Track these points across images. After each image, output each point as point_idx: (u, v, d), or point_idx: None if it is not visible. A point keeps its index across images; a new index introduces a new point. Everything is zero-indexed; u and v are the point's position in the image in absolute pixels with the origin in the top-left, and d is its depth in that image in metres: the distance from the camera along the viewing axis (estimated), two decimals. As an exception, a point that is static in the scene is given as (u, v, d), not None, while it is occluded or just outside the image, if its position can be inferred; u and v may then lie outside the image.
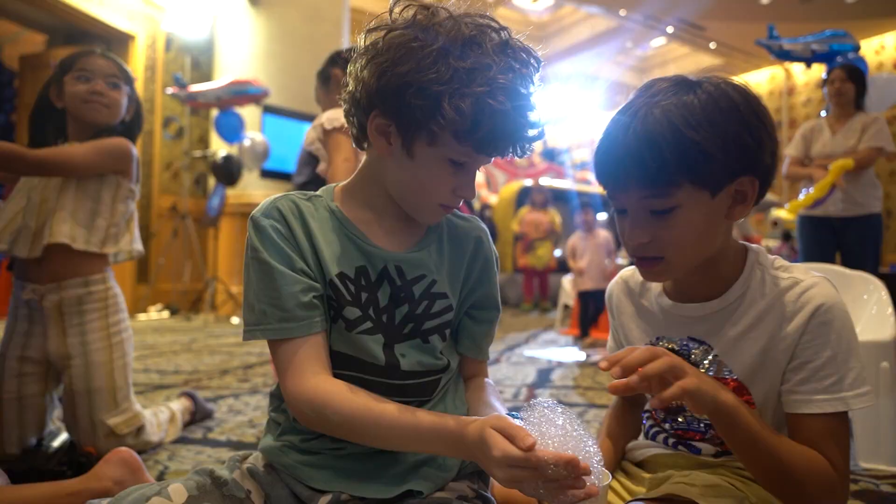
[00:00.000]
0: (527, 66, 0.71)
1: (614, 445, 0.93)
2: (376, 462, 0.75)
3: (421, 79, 0.67)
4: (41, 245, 1.42)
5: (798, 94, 9.09)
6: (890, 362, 1.47)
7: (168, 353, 3.40)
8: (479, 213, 7.08)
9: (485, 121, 0.67)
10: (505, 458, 0.59)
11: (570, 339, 4.23)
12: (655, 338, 0.85)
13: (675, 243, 0.73)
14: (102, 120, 1.52)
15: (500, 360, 3.28)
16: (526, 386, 2.53)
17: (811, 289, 0.73)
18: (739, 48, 8.64)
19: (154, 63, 6.06)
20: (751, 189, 0.73)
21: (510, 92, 0.67)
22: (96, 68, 1.51)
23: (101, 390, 1.47)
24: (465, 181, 0.74)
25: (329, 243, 0.76)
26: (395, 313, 0.77)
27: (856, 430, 1.50)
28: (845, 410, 0.71)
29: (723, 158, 0.69)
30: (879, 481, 1.37)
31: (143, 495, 0.71)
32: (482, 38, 0.69)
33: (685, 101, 0.70)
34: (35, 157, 1.39)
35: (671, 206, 0.71)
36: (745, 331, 0.76)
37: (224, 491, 0.75)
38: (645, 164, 0.69)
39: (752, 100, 0.72)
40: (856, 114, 2.92)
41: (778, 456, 0.68)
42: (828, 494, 0.69)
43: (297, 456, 0.77)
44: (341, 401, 0.70)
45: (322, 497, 0.74)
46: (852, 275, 1.68)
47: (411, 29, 0.69)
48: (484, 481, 0.83)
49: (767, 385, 0.75)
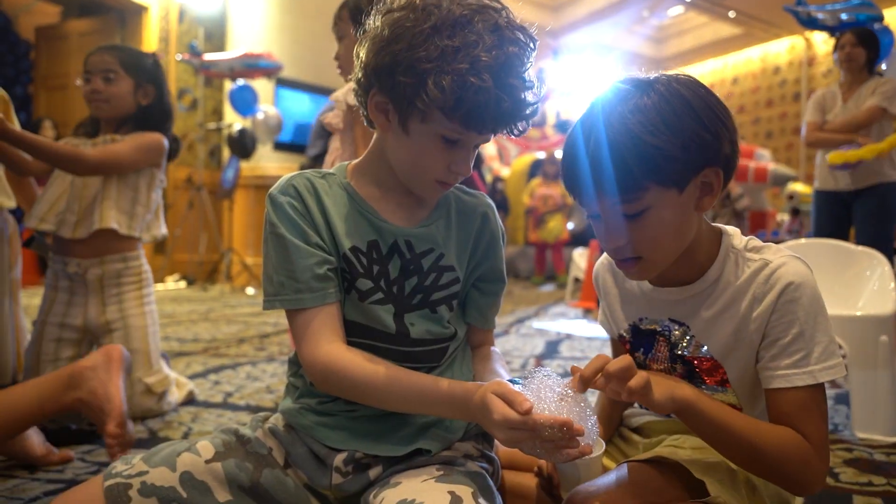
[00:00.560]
0: (517, 44, 0.72)
1: (608, 417, 0.98)
2: (388, 423, 0.81)
3: (411, 57, 0.70)
4: (89, 229, 1.58)
5: (819, 65, 8.87)
6: (889, 336, 1.50)
7: (186, 322, 3.50)
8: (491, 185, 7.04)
9: (468, 97, 0.69)
10: (505, 421, 0.64)
11: (580, 312, 4.28)
12: (638, 318, 0.88)
13: (651, 243, 0.75)
14: (107, 115, 1.62)
15: (508, 331, 3.34)
16: (534, 357, 2.59)
17: (779, 268, 0.75)
18: (759, 17, 8.43)
19: (167, 35, 6.07)
20: (716, 179, 0.75)
21: (494, 69, 0.69)
22: (94, 66, 1.59)
23: (139, 352, 1.60)
24: (459, 157, 0.77)
25: (342, 219, 0.81)
26: (405, 285, 0.82)
27: (853, 401, 1.54)
28: (815, 383, 0.73)
29: (684, 156, 0.71)
30: (874, 450, 1.41)
31: (174, 451, 0.78)
32: (474, 17, 0.71)
33: (639, 105, 0.71)
34: (92, 159, 1.51)
35: (642, 209, 0.73)
36: (719, 312, 0.79)
37: (248, 448, 0.82)
38: (610, 173, 0.71)
39: (703, 94, 0.74)
40: (868, 79, 2.80)
41: (749, 441, 0.71)
42: (804, 469, 0.72)
43: (314, 417, 0.82)
44: (354, 367, 0.75)
45: (338, 455, 0.80)
46: (856, 250, 1.70)
47: (406, 10, 0.72)
48: (489, 442, 0.88)
49: (742, 363, 0.79)
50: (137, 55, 1.69)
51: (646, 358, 0.88)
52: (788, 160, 8.62)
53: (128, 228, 1.64)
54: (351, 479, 0.79)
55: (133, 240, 1.68)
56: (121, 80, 1.61)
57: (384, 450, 0.80)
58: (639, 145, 0.70)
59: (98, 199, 1.60)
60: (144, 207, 1.69)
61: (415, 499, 0.69)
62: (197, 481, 0.76)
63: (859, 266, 1.67)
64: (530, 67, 0.74)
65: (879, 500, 1.13)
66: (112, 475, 0.75)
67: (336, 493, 0.81)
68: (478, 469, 0.79)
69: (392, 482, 0.76)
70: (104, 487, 0.73)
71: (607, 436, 0.99)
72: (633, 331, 0.89)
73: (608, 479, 0.76)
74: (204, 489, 0.76)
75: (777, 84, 9.37)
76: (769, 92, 9.48)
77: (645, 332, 0.87)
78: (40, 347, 1.60)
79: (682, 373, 0.83)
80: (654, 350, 0.86)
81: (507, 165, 8.18)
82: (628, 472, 0.77)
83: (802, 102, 8.99)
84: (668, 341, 0.84)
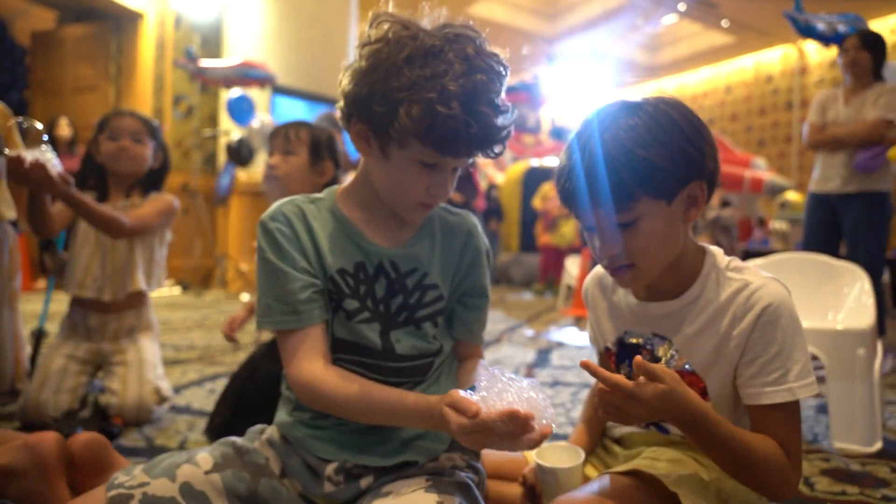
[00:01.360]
0: (487, 72, 0.76)
1: (590, 429, 1.02)
2: (375, 435, 0.85)
3: (385, 87, 0.74)
4: (125, 292, 1.75)
5: (810, 74, 8.97)
6: (867, 349, 1.55)
7: (182, 329, 3.52)
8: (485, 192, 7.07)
9: (438, 125, 0.73)
10: (460, 428, 0.68)
11: (572, 320, 4.32)
12: (623, 332, 0.93)
13: (643, 250, 0.81)
14: (130, 171, 1.76)
15: (501, 339, 3.37)
16: (525, 365, 2.63)
17: (759, 290, 0.80)
18: (752, 26, 8.53)
19: (163, 41, 6.10)
20: (700, 192, 0.81)
21: (462, 97, 0.73)
22: (123, 127, 1.72)
23: (149, 362, 1.77)
24: (438, 181, 0.81)
25: (330, 242, 0.85)
26: (391, 303, 0.86)
27: (831, 413, 1.59)
28: (794, 400, 0.78)
29: (672, 169, 0.77)
30: (850, 460, 1.45)
31: (173, 462, 0.81)
32: (445, 47, 0.75)
33: (630, 124, 0.77)
34: (128, 225, 1.64)
35: (634, 218, 0.79)
36: (701, 329, 0.84)
37: (245, 458, 0.85)
38: (605, 185, 0.77)
39: (687, 114, 0.80)
40: (873, 84, 2.70)
41: (743, 451, 0.75)
42: (784, 478, 0.76)
43: (306, 430, 0.87)
44: (330, 386, 0.79)
45: (329, 465, 0.84)
46: (837, 265, 1.75)
47: (382, 42, 0.76)
48: (475, 453, 0.92)
49: (721, 378, 0.83)
50: (155, 124, 1.84)
51: (630, 371, 0.91)
52: (781, 168, 8.69)
53: (148, 286, 1.82)
54: (342, 488, 0.83)
55: (145, 294, 1.85)
56: (145, 143, 1.76)
57: (373, 460, 0.84)
58: (631, 158, 0.76)
59: (128, 263, 1.76)
60: (158, 265, 1.87)
61: None
62: (196, 491, 0.79)
63: (840, 281, 1.72)
64: (501, 93, 0.78)
65: (852, 510, 1.17)
66: (115, 486, 0.78)
67: (329, 503, 0.84)
68: (464, 480, 0.83)
69: (383, 492, 0.79)
70: (107, 498, 0.76)
71: (592, 447, 1.02)
72: (618, 344, 0.94)
73: (589, 490, 0.80)
74: (203, 499, 0.79)
75: (769, 93, 9.46)
76: (762, 100, 9.57)
77: (629, 345, 0.91)
78: (51, 362, 1.69)
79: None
80: None
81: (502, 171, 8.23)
82: (608, 484, 0.81)
83: (795, 111, 9.08)
84: (651, 355, 0.88)
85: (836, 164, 2.73)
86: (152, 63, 5.97)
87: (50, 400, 1.62)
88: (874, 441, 1.54)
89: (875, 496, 1.24)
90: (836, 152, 2.73)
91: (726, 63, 9.98)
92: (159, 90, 6.10)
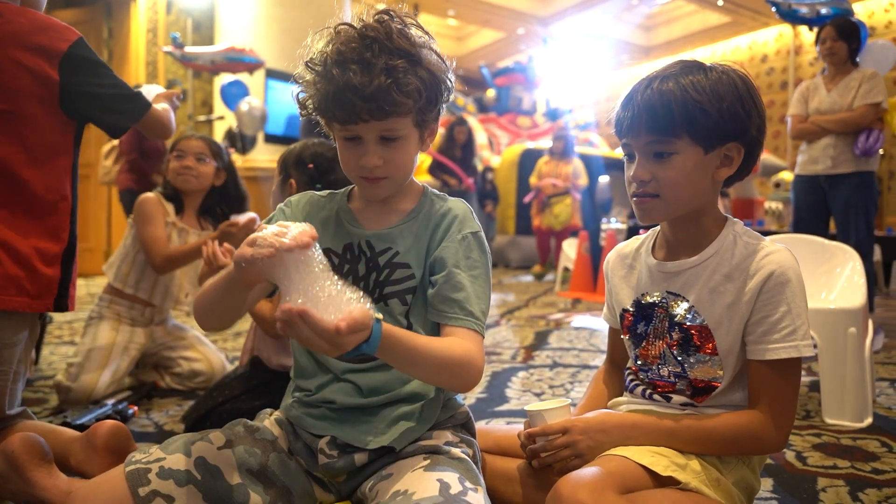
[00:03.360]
0: (362, 38, 0.81)
1: (596, 401, 1.08)
2: (362, 414, 0.89)
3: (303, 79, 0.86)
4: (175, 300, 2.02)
5: (805, 54, 8.95)
6: (858, 328, 1.58)
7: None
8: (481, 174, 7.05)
9: (322, 97, 0.82)
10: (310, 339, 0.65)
11: (570, 302, 4.37)
12: (640, 294, 0.99)
13: (670, 183, 0.88)
14: (193, 187, 1.93)
15: (500, 322, 3.42)
16: (524, 348, 2.67)
17: (772, 254, 0.88)
18: (747, 5, 8.48)
19: (155, 25, 6.04)
20: (737, 155, 0.89)
21: (331, 65, 0.81)
22: (188, 148, 1.90)
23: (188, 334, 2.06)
24: (362, 152, 0.86)
25: (323, 224, 0.93)
26: (369, 281, 0.91)
27: (823, 389, 1.63)
28: (798, 357, 0.86)
29: (717, 120, 0.85)
30: (841, 435, 1.50)
31: (188, 440, 0.85)
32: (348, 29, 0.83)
33: (696, 77, 0.87)
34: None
35: (671, 151, 0.87)
36: (717, 286, 0.90)
37: (256, 436, 0.90)
38: (655, 115, 0.86)
39: (749, 84, 0.89)
40: (852, 70, 2.83)
41: (707, 437, 0.88)
42: (755, 442, 0.87)
43: (302, 409, 0.92)
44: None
45: (321, 440, 0.88)
46: (829, 245, 1.79)
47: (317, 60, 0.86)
48: (467, 430, 0.95)
49: (731, 335, 0.90)
50: (220, 146, 2.00)
51: (646, 329, 0.97)
52: (776, 148, 8.71)
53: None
54: (336, 461, 0.87)
55: None
56: (208, 163, 1.92)
57: (358, 439, 0.86)
58: (686, 98, 0.85)
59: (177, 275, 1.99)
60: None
61: (407, 489, 0.76)
62: (210, 465, 0.83)
63: (832, 261, 1.75)
64: (380, 55, 0.80)
65: (842, 482, 1.21)
66: (132, 462, 0.81)
67: (326, 474, 0.88)
68: (460, 455, 0.86)
69: (384, 474, 0.83)
70: (125, 472, 0.80)
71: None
72: (635, 305, 1.00)
73: (593, 470, 0.83)
74: (216, 472, 0.83)
75: (765, 72, 9.44)
76: (757, 80, 9.35)
77: (646, 305, 0.97)
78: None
79: (679, 340, 0.93)
80: (654, 321, 0.96)
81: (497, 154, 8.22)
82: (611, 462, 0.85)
83: (790, 91, 9.07)
84: (666, 312, 0.94)
85: (823, 147, 2.81)
86: (144, 48, 5.92)
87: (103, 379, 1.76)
88: (864, 417, 1.59)
89: (865, 469, 1.28)
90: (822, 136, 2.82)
91: (722, 43, 9.94)
92: (152, 75, 6.05)
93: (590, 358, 2.45)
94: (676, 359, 0.93)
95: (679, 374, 0.93)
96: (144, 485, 0.79)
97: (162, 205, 1.88)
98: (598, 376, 1.12)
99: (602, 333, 3.00)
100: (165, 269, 1.83)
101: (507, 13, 9.40)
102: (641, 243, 1.03)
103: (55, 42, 1.20)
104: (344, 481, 0.88)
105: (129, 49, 5.97)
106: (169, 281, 1.92)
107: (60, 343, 2.68)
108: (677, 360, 0.93)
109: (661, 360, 0.95)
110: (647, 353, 0.97)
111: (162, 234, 1.83)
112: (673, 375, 0.94)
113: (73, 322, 3.25)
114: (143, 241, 1.82)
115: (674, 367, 0.94)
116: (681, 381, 0.94)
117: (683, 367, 0.93)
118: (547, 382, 2.06)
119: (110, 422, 1.18)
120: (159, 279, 1.90)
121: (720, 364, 0.90)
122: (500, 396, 1.87)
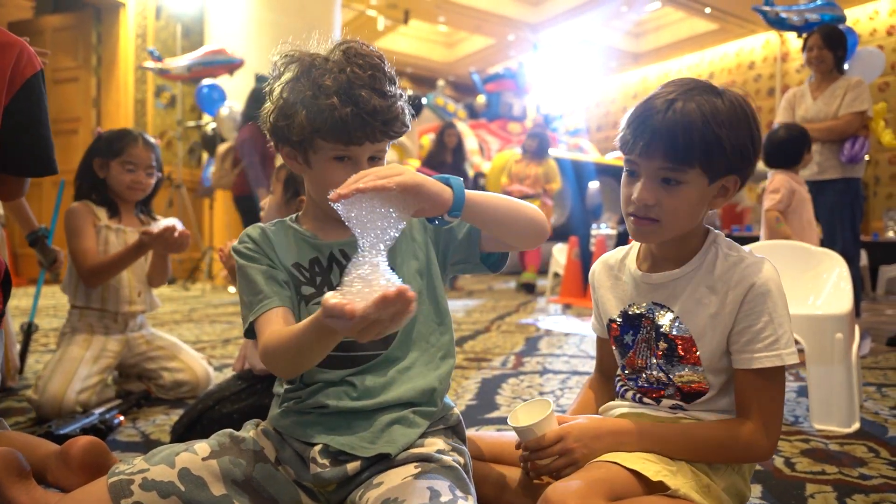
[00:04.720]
0: (363, 66, 0.85)
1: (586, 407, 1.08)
2: (355, 419, 0.89)
3: (283, 106, 0.87)
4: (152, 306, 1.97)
5: (792, 61, 9.07)
6: (845, 333, 1.60)
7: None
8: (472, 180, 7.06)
9: (326, 117, 0.83)
10: (348, 330, 0.67)
11: (560, 308, 4.38)
12: (627, 304, 1.00)
13: (674, 211, 0.88)
14: (138, 199, 1.93)
15: (490, 328, 3.41)
16: (514, 354, 2.66)
17: (753, 265, 0.89)
18: (734, 13, 8.59)
19: (144, 31, 6.02)
20: (733, 186, 0.91)
21: (337, 88, 0.83)
22: (139, 161, 1.85)
23: (173, 345, 1.99)
24: (354, 172, 0.84)
25: (285, 246, 0.95)
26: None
27: (811, 395, 1.64)
28: (781, 365, 0.86)
29: (730, 156, 0.86)
30: (829, 441, 1.51)
31: (172, 451, 0.84)
32: (323, 59, 0.86)
33: (715, 102, 0.85)
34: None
35: (680, 180, 0.87)
36: (701, 297, 0.91)
37: (242, 446, 0.89)
38: (676, 143, 0.84)
39: (753, 115, 0.89)
40: (838, 78, 2.88)
41: (698, 444, 0.89)
42: (745, 450, 0.88)
43: (293, 417, 0.92)
44: (269, 337, 0.84)
45: (313, 448, 0.88)
46: (815, 251, 1.80)
47: (273, 78, 0.90)
48: (458, 436, 0.96)
49: (714, 345, 0.91)
50: (159, 152, 1.95)
51: (633, 339, 0.99)
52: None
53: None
54: (328, 470, 0.86)
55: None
56: (154, 175, 1.91)
57: (351, 445, 0.86)
58: (707, 129, 0.84)
59: (143, 269, 1.93)
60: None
61: (397, 497, 0.76)
62: (194, 476, 0.82)
63: (819, 267, 1.77)
64: (383, 81, 0.87)
65: (830, 488, 1.22)
66: (115, 473, 0.81)
67: (318, 484, 0.87)
68: (451, 463, 0.86)
69: (375, 482, 0.82)
70: (108, 484, 0.79)
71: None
72: (622, 315, 1.00)
73: (582, 477, 0.83)
74: (201, 483, 0.82)
75: (752, 79, 9.55)
76: (744, 87, 9.65)
77: (632, 316, 0.98)
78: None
79: (664, 350, 0.94)
80: (641, 331, 0.97)
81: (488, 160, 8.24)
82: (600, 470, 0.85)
83: (776, 97, 9.18)
84: (653, 323, 0.95)
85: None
86: (134, 53, 5.89)
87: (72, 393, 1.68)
88: (852, 422, 1.60)
89: (853, 474, 1.29)
90: None
91: (709, 50, 10.05)
92: (141, 80, 6.02)
93: (579, 364, 2.45)
94: (662, 369, 0.94)
95: (665, 382, 0.95)
96: (127, 496, 0.78)
97: (92, 213, 1.82)
98: (588, 384, 1.13)
99: (591, 339, 3.00)
100: (95, 282, 1.77)
101: (498, 20, 9.45)
102: (626, 254, 1.04)
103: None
104: (333, 490, 0.87)
105: (118, 54, 5.94)
106: (117, 283, 1.84)
107: (46, 351, 2.65)
108: (662, 370, 0.94)
109: (648, 369, 0.96)
110: (634, 363, 0.98)
111: (91, 245, 1.76)
112: (660, 383, 0.96)
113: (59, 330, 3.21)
114: (72, 255, 1.76)
115: (660, 375, 0.95)
116: (668, 387, 0.95)
117: (669, 377, 0.94)
118: (537, 389, 2.05)
119: (85, 438, 1.14)
120: (107, 284, 1.84)
121: (703, 373, 0.92)
122: (491, 404, 1.86)
